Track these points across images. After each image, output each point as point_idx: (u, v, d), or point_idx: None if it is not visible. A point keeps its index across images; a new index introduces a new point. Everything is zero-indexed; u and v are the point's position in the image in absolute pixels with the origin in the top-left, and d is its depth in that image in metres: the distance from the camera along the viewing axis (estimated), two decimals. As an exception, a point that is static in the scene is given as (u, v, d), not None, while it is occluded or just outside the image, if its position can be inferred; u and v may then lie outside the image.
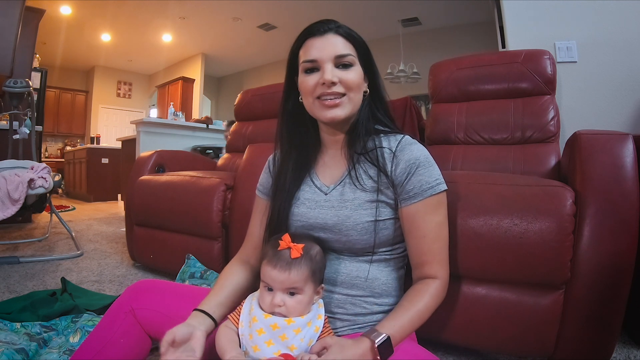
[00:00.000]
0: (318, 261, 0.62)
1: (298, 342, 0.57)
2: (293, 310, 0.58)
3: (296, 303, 0.58)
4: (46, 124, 5.72)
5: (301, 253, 0.59)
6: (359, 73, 0.70)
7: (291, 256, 0.58)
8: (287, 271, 0.58)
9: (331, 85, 0.66)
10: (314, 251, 0.62)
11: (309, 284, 0.59)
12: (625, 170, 0.81)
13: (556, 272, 0.82)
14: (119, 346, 0.67)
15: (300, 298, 0.59)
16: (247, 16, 5.48)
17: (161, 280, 0.78)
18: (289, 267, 0.58)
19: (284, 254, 0.59)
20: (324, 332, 0.60)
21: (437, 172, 0.68)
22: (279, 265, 0.58)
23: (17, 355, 0.86)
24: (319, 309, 0.62)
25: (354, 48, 0.70)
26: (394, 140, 0.70)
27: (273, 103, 2.17)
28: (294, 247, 0.59)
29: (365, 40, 0.73)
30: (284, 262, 0.58)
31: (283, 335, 0.57)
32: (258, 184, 0.83)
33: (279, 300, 0.58)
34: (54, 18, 5.12)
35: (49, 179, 2.00)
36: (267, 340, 0.57)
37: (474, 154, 1.44)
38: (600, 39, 1.69)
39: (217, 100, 8.75)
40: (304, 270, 0.59)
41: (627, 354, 0.98)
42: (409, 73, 5.08)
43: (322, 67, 0.67)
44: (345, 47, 0.69)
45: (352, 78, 0.68)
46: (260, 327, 0.58)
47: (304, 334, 0.57)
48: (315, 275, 0.61)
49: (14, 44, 2.89)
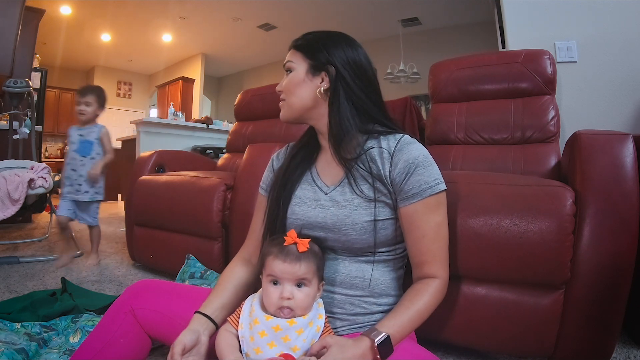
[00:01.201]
0: (321, 257, 0.64)
1: (301, 343, 0.57)
2: (301, 303, 0.58)
3: (304, 296, 0.59)
4: (46, 124, 5.71)
5: (308, 247, 0.61)
6: (294, 76, 0.73)
7: (299, 250, 0.60)
8: (298, 263, 0.59)
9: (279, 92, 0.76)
10: (315, 247, 0.64)
11: (315, 278, 0.61)
12: (625, 170, 0.81)
13: (556, 272, 0.82)
14: (119, 346, 0.67)
15: (308, 291, 0.59)
16: (247, 16, 5.48)
17: (161, 280, 0.79)
18: (299, 259, 0.59)
19: (291, 249, 0.60)
20: (324, 331, 0.60)
21: (436, 171, 0.67)
22: (289, 258, 0.59)
23: (17, 355, 0.86)
24: (319, 308, 0.62)
25: (298, 53, 0.73)
26: (392, 140, 0.70)
27: (273, 103, 2.16)
28: (301, 242, 0.61)
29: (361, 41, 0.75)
30: (294, 255, 0.60)
31: (286, 337, 0.57)
32: (261, 182, 0.83)
33: (288, 292, 0.58)
34: (54, 18, 5.12)
35: (49, 179, 2.00)
36: (270, 342, 0.57)
37: (474, 154, 1.44)
38: (600, 39, 1.69)
39: (217, 100, 8.75)
40: (312, 263, 0.60)
41: (627, 354, 0.98)
42: (409, 73, 5.08)
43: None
44: (290, 56, 0.74)
45: (284, 84, 0.74)
46: (262, 329, 0.57)
47: (306, 335, 0.57)
48: (320, 270, 0.62)
49: (14, 44, 2.89)
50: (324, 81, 0.71)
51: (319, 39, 0.73)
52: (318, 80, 0.72)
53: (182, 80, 7.01)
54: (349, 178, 0.69)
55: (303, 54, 0.73)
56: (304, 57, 0.72)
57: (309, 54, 0.72)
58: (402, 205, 0.67)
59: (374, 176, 0.67)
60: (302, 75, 0.72)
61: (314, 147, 0.78)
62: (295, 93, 0.72)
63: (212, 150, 3.62)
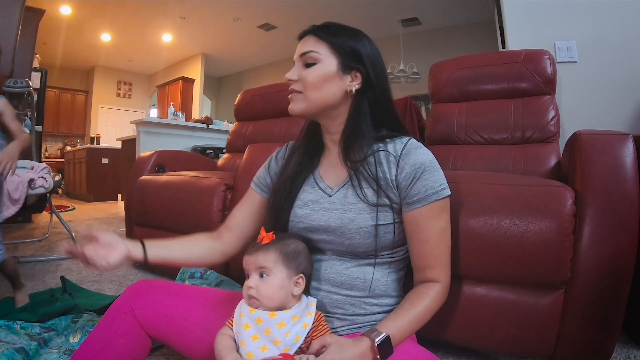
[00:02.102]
0: (293, 250, 0.64)
1: (282, 337, 0.57)
2: (264, 292, 0.60)
3: (268, 285, 0.60)
4: (46, 124, 5.71)
5: (271, 239, 0.64)
6: (323, 71, 0.68)
7: (262, 242, 0.63)
8: (257, 253, 0.62)
9: (289, 82, 0.71)
10: (290, 241, 0.65)
11: (279, 267, 0.61)
12: (625, 170, 0.81)
13: (556, 272, 0.82)
14: (119, 346, 0.67)
15: (270, 280, 0.61)
16: (247, 16, 5.48)
17: (161, 280, 0.78)
18: (259, 249, 0.63)
19: (258, 243, 0.64)
20: (319, 329, 0.60)
21: (442, 177, 0.67)
22: (252, 250, 0.64)
23: (17, 354, 0.86)
24: (311, 306, 0.62)
25: (327, 45, 0.69)
26: (399, 144, 0.69)
27: (273, 103, 2.17)
28: (265, 235, 0.64)
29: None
30: (256, 247, 0.64)
31: (267, 330, 0.57)
32: (255, 177, 0.84)
33: (251, 282, 0.61)
34: (54, 18, 5.12)
35: (49, 179, 1.99)
36: (253, 335, 0.57)
37: (474, 154, 1.44)
38: (600, 39, 1.69)
39: (217, 100, 8.75)
40: (271, 253, 0.62)
41: (627, 354, 0.98)
42: (409, 73, 5.08)
43: (295, 65, 0.71)
44: (312, 45, 0.69)
45: (307, 76, 0.68)
46: (247, 321, 0.59)
47: (288, 329, 0.58)
48: (288, 261, 0.62)
49: (14, 44, 2.88)
50: (354, 81, 0.69)
51: (349, 34, 0.70)
52: (348, 79, 0.69)
53: (182, 80, 7.02)
54: (352, 181, 0.69)
55: (332, 47, 0.68)
56: (333, 52, 0.68)
57: (340, 49, 0.68)
58: (407, 210, 0.66)
59: (378, 180, 0.67)
60: (333, 71, 0.68)
61: (316, 147, 0.77)
62: (322, 88, 0.68)
63: (212, 150, 3.61)
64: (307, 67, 0.69)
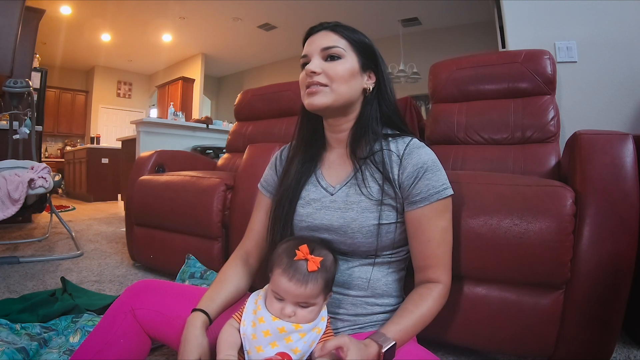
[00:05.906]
0: (332, 271, 0.61)
1: (302, 345, 0.57)
2: (303, 319, 0.58)
3: (307, 313, 0.58)
4: (46, 124, 5.72)
5: (319, 267, 0.57)
6: (349, 66, 0.68)
7: (308, 269, 0.57)
8: (304, 285, 0.56)
9: (312, 74, 0.67)
10: (328, 262, 0.61)
11: (321, 296, 0.59)
12: (625, 170, 0.81)
13: (556, 272, 0.82)
14: (118, 346, 0.66)
15: (312, 309, 0.58)
16: (247, 16, 5.48)
17: (161, 280, 0.78)
18: (306, 281, 0.56)
19: (300, 266, 0.57)
20: (326, 332, 0.60)
21: (444, 176, 0.67)
22: (296, 278, 0.56)
23: (18, 354, 0.86)
24: (322, 311, 0.61)
25: (348, 43, 0.70)
26: (401, 143, 0.69)
27: (273, 103, 2.17)
28: (312, 260, 0.57)
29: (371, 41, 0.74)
30: (301, 274, 0.57)
31: (289, 338, 0.57)
32: (261, 179, 0.83)
33: (289, 311, 0.57)
34: (54, 18, 5.12)
35: (49, 179, 1.99)
36: (272, 342, 0.57)
37: (474, 154, 1.44)
38: (600, 39, 1.69)
39: (217, 100, 8.75)
40: (320, 284, 0.57)
41: (627, 354, 0.98)
42: (409, 73, 5.08)
43: (311, 59, 0.69)
44: (335, 40, 0.69)
45: (335, 69, 0.68)
46: (267, 328, 0.57)
47: (307, 337, 0.58)
48: (328, 286, 0.60)
49: (14, 44, 2.88)
50: (370, 80, 0.72)
51: (364, 35, 0.72)
52: (365, 77, 0.72)
53: (182, 80, 7.02)
54: (357, 177, 0.69)
55: (352, 45, 0.70)
56: (354, 51, 0.70)
57: (360, 49, 0.70)
58: (409, 209, 0.66)
59: (385, 172, 0.67)
60: (357, 68, 0.70)
61: (318, 145, 0.77)
62: (349, 82, 0.69)
63: (212, 150, 3.61)
64: (329, 60, 0.68)
